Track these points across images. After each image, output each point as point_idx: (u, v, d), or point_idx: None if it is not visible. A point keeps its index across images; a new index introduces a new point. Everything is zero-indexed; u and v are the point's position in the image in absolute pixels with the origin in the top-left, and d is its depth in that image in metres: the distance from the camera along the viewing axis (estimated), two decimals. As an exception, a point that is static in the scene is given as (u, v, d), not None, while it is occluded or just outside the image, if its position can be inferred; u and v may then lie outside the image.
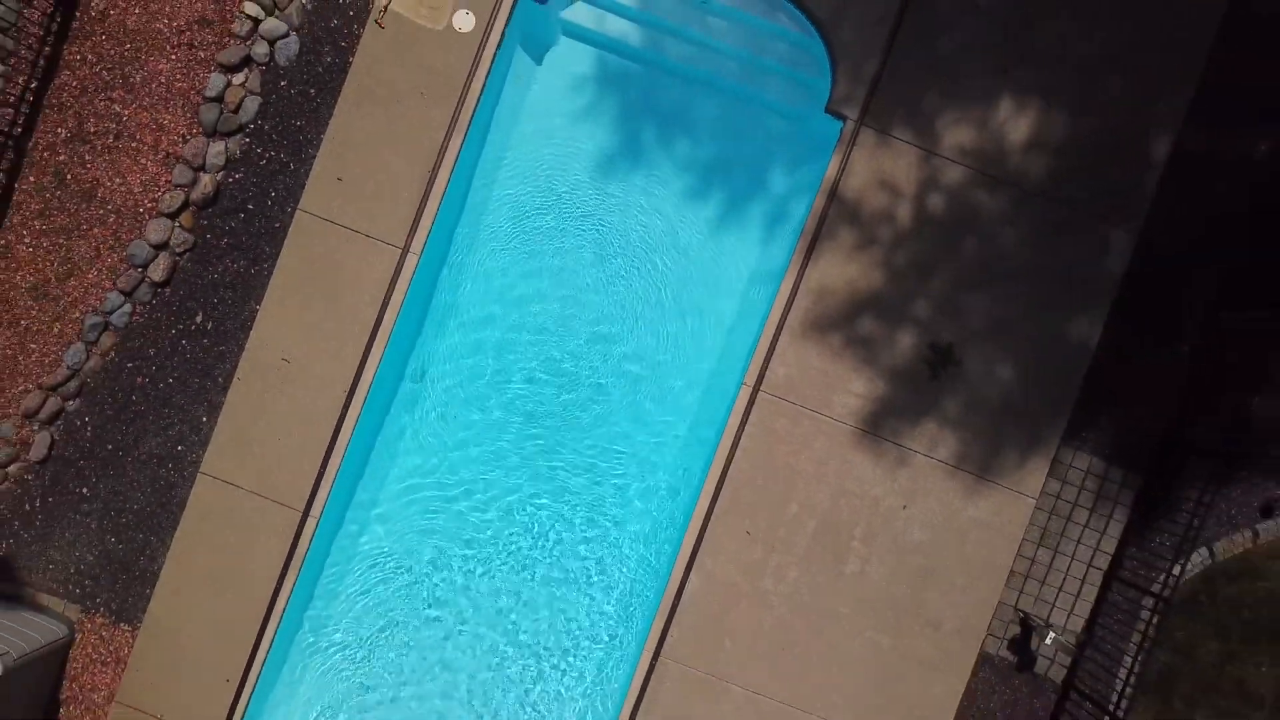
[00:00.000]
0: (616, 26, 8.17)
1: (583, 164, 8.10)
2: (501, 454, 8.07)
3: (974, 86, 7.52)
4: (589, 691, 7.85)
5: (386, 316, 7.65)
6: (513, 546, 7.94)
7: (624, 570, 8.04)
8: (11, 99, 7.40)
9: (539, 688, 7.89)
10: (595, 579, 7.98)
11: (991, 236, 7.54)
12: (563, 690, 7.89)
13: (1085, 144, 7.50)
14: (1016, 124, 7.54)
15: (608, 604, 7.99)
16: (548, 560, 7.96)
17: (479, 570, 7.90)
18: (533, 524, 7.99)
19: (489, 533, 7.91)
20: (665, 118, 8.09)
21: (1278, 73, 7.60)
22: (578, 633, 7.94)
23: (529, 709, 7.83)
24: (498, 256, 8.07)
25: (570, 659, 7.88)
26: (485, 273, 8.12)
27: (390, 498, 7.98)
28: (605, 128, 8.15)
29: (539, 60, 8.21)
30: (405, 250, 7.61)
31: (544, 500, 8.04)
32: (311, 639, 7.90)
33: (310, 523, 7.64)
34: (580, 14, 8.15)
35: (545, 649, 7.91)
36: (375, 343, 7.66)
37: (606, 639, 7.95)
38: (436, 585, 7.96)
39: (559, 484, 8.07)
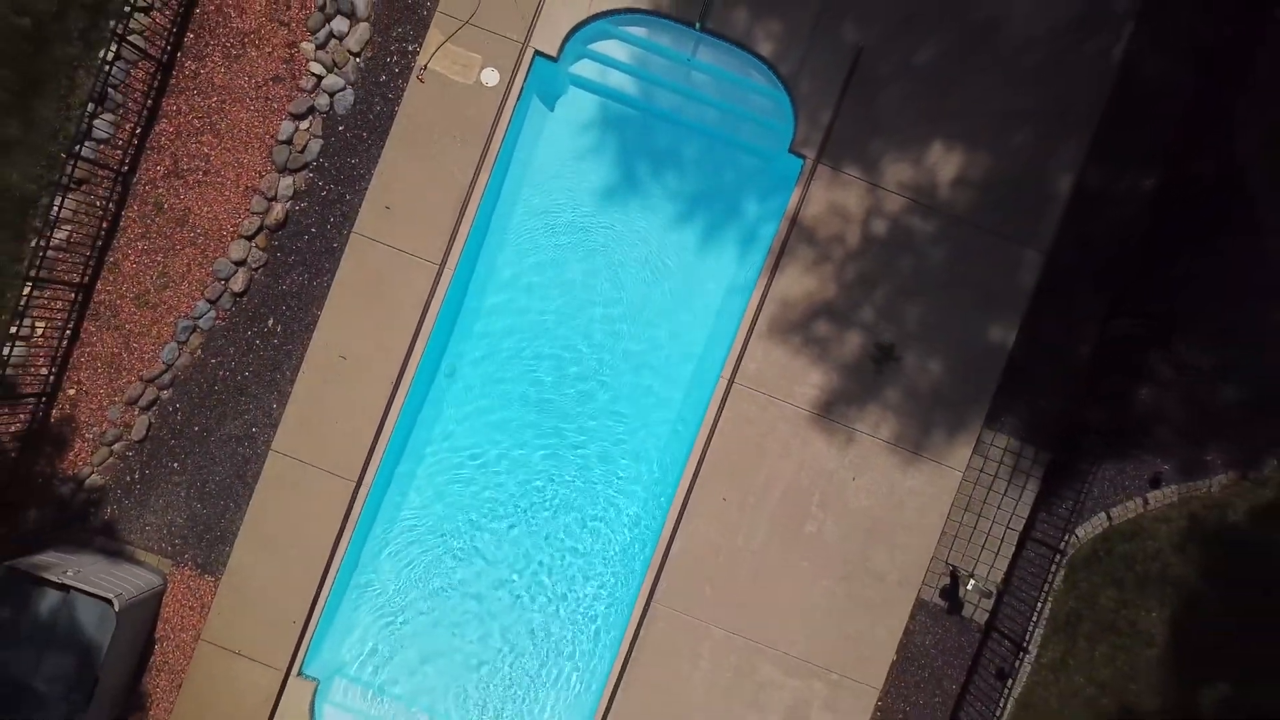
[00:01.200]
0: (616, 79, 9.79)
1: (587, 194, 9.72)
2: (519, 436, 9.67)
3: (909, 132, 9.13)
4: (596, 632, 9.44)
5: (426, 321, 9.25)
6: (530, 512, 9.55)
7: (622, 531, 9.63)
8: (121, 143, 9.01)
9: (553, 626, 9.47)
10: (600, 538, 9.57)
11: (924, 255, 9.15)
12: (570, 631, 9.48)
13: (1002, 180, 9.11)
14: (945, 163, 9.15)
15: (610, 559, 9.58)
16: (560, 523, 9.55)
17: (501, 530, 9.50)
18: (547, 494, 9.58)
19: (509, 500, 9.51)
20: (656, 156, 9.71)
21: (1158, 125, 9.22)
22: (585, 582, 9.53)
23: (542, 643, 9.41)
24: (518, 272, 9.68)
25: (579, 603, 9.47)
26: (506, 285, 9.73)
27: (427, 471, 9.59)
28: (606, 164, 9.77)
29: (551, 107, 9.84)
30: (441, 266, 9.22)
31: (555, 475, 9.64)
32: (362, 587, 9.48)
33: (362, 491, 9.24)
34: (586, 69, 9.78)
35: (558, 595, 9.50)
36: (416, 343, 9.26)
37: (609, 588, 9.53)
38: (463, 543, 9.56)
39: (568, 461, 9.67)
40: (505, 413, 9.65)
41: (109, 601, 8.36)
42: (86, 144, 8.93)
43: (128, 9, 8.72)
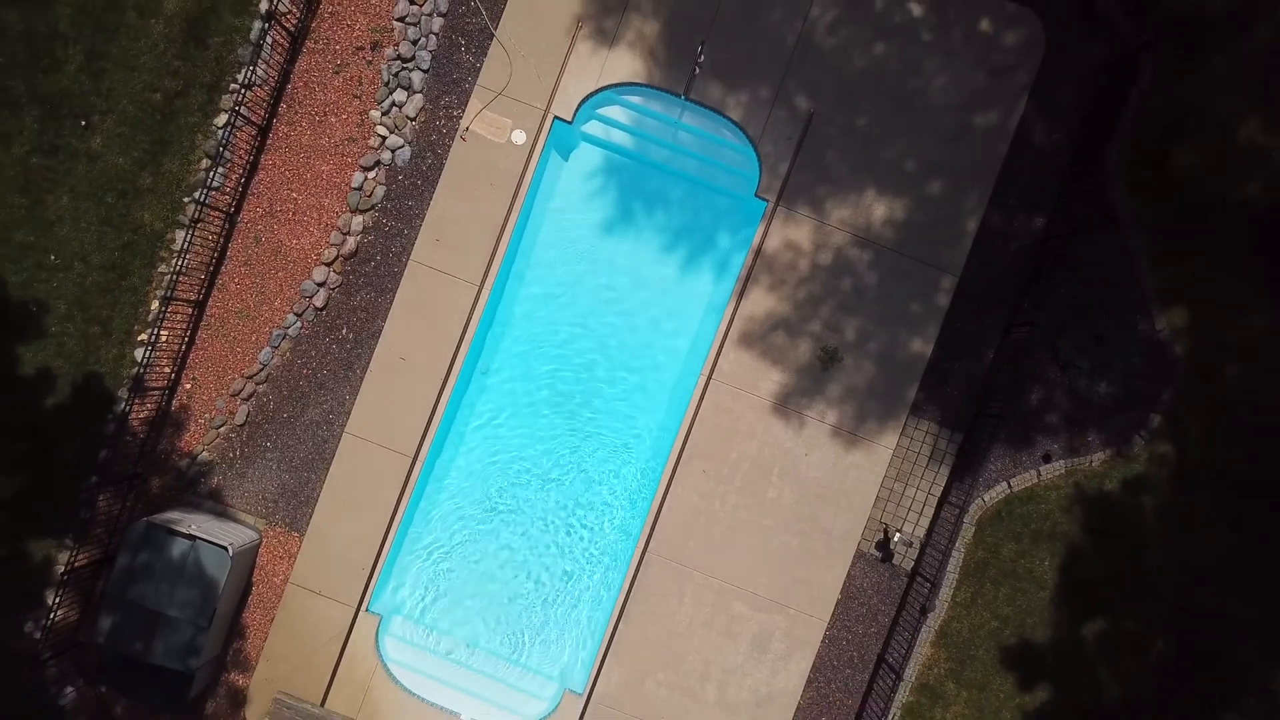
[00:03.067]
0: (618, 136, 12.24)
1: (595, 229, 12.17)
2: (540, 421, 12.10)
3: (850, 180, 11.58)
4: (603, 574, 11.88)
5: (467, 330, 11.69)
6: (550, 479, 11.99)
7: (623, 496, 12.06)
8: (229, 190, 11.46)
9: (569, 569, 11.91)
10: (606, 501, 12.00)
11: (861, 278, 11.59)
12: (583, 574, 11.91)
13: (922, 218, 11.55)
14: (877, 205, 11.59)
15: (613, 518, 12.02)
16: (573, 489, 11.98)
17: (527, 494, 11.95)
18: (563, 466, 12.02)
19: (533, 470, 11.96)
20: (649, 198, 12.17)
21: (1045, 175, 11.66)
22: (594, 535, 11.97)
23: (560, 582, 11.85)
24: (540, 291, 12.12)
25: (590, 552, 11.91)
26: (531, 302, 12.17)
27: (467, 448, 12.04)
28: (609, 204, 12.22)
29: (566, 159, 12.28)
30: (480, 286, 11.66)
31: (569, 451, 12.06)
32: (417, 540, 11.91)
33: (417, 464, 11.67)
34: (594, 128, 12.23)
35: (573, 544, 11.95)
36: (460, 348, 11.70)
37: (613, 540, 11.96)
38: (497, 504, 11.99)
39: (580, 441, 12.10)
40: (529, 402, 12.09)
41: (225, 548, 10.79)
42: (201, 191, 11.37)
43: (236, 87, 11.18)
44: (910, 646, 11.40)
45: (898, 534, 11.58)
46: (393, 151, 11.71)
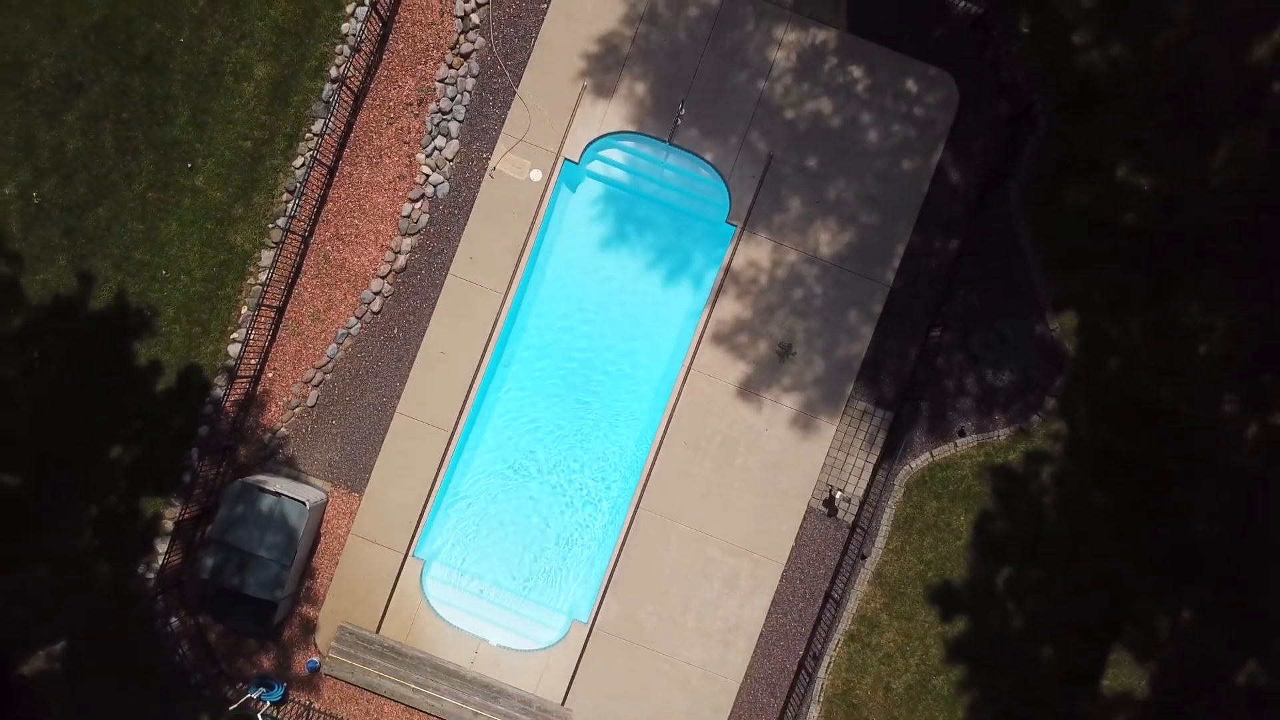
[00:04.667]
0: (616, 173, 15.09)
1: (597, 248, 15.01)
2: (554, 404, 14.93)
3: (801, 210, 14.42)
4: (605, 525, 14.72)
5: (494, 330, 14.53)
6: (563, 448, 14.83)
7: (622, 463, 14.89)
8: (304, 217, 14.32)
9: (579, 520, 14.74)
10: (607, 466, 14.83)
11: (810, 289, 14.42)
12: (589, 524, 14.74)
13: (859, 242, 14.38)
14: (824, 230, 14.43)
15: (613, 481, 14.86)
16: (582, 457, 14.82)
17: (545, 461, 14.78)
18: (573, 439, 14.86)
19: (550, 441, 14.81)
20: (640, 223, 15.02)
21: (958, 207, 14.49)
22: (599, 493, 14.81)
23: (571, 531, 14.69)
24: (552, 299, 14.96)
25: (596, 506, 14.75)
26: (545, 307, 15.00)
27: (496, 423, 14.88)
28: (609, 228, 15.06)
29: (574, 191, 15.14)
30: (505, 295, 14.50)
31: (578, 429, 14.90)
32: (454, 497, 14.76)
33: (454, 437, 14.51)
34: (597, 167, 15.09)
35: (582, 500, 14.78)
36: (489, 344, 14.53)
37: (613, 497, 14.80)
38: (520, 471, 14.82)
39: (586, 421, 14.93)
40: (545, 388, 14.93)
41: (303, 503, 13.62)
42: (282, 219, 14.23)
43: (311, 136, 14.06)
44: (850, 585, 14.21)
45: (840, 494, 14.39)
46: (434, 187, 14.55)
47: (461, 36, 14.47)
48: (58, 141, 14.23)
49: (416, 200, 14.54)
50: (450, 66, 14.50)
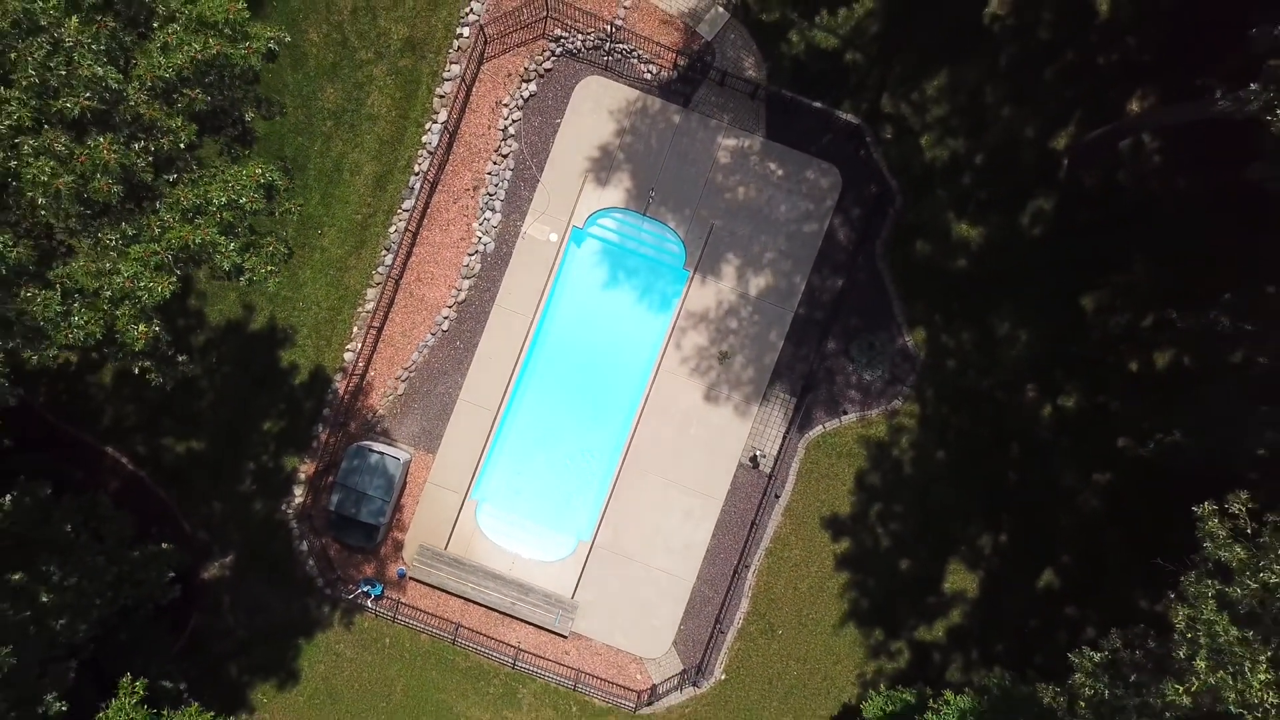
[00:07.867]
0: (609, 235, 21.83)
1: (596, 288, 21.74)
2: (569, 391, 21.66)
3: (735, 262, 21.14)
4: (601, 477, 21.42)
5: (525, 343, 21.27)
6: (572, 426, 21.56)
7: (612, 433, 21.61)
8: (396, 266, 21.07)
9: (585, 470, 21.45)
10: (603, 434, 21.55)
11: (741, 315, 21.13)
12: (591, 475, 21.46)
13: (774, 282, 21.08)
14: (754, 275, 21.15)
15: (607, 444, 21.58)
16: (586, 430, 21.55)
17: (562, 429, 21.51)
18: (580, 416, 21.59)
19: (566, 416, 21.54)
20: (625, 270, 21.76)
21: (842, 257, 21.22)
22: (596, 455, 21.52)
23: (580, 478, 21.39)
24: (564, 320, 21.70)
25: (593, 465, 21.47)
26: (559, 326, 21.74)
27: (528, 404, 21.62)
28: (604, 274, 21.80)
29: (579, 247, 21.90)
30: (532, 319, 21.26)
31: (584, 410, 21.61)
32: (501, 454, 21.51)
33: (499, 416, 21.25)
34: (595, 230, 21.84)
35: (588, 454, 21.49)
36: (521, 351, 21.27)
37: (608, 454, 21.53)
38: (544, 439, 21.58)
39: (589, 404, 21.64)
40: (561, 379, 21.67)
41: (398, 458, 20.36)
42: (382, 268, 21.01)
43: (401, 211, 20.89)
44: (769, 516, 20.88)
45: (760, 453, 21.07)
46: (485, 245, 21.31)
47: (502, 143, 21.27)
48: (230, 216, 21.08)
49: (472, 255, 21.29)
50: (495, 164, 21.28)
